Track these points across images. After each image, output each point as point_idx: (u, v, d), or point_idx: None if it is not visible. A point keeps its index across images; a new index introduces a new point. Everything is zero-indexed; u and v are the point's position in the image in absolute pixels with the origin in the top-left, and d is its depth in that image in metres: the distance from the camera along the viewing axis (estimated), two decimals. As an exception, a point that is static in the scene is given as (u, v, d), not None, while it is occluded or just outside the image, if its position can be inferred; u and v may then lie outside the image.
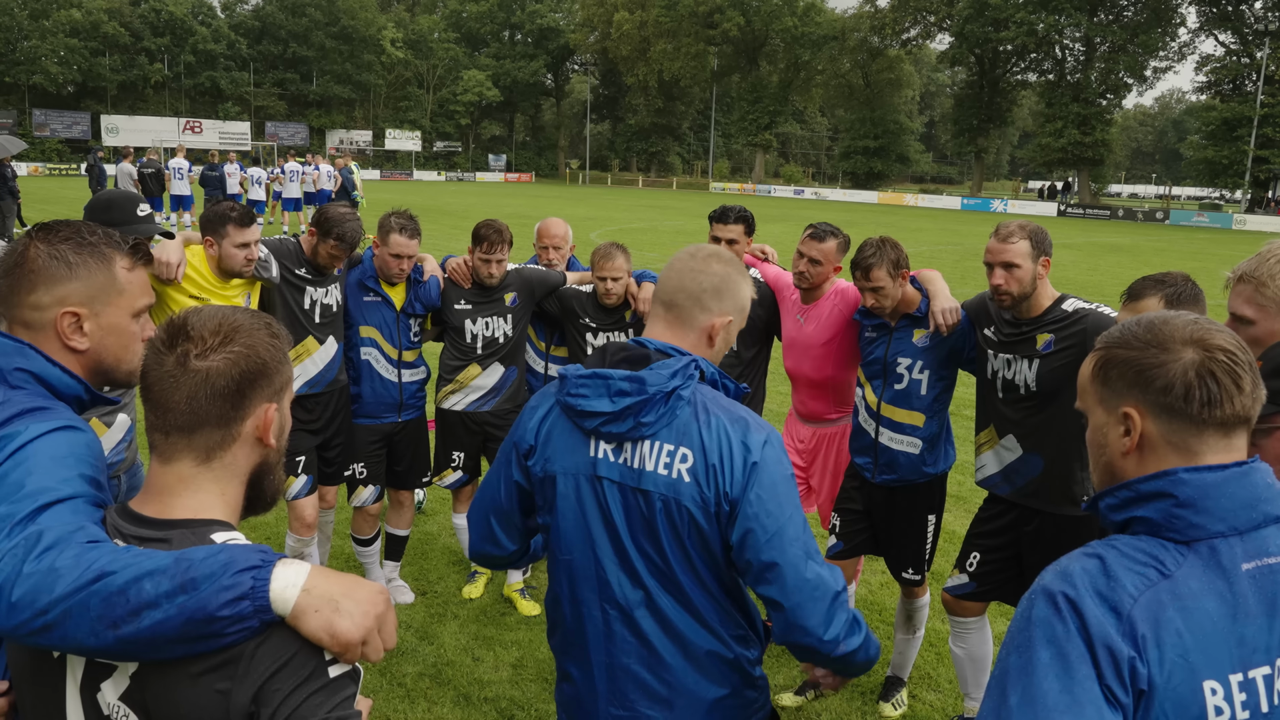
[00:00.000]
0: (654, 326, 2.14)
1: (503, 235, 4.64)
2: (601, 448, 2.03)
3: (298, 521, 4.46)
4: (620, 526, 2.02)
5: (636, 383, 1.97)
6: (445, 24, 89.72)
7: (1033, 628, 1.35)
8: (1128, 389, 1.46)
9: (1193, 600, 1.34)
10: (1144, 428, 1.45)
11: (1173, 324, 1.46)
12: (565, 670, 2.17)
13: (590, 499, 2.04)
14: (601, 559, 2.04)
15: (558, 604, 2.15)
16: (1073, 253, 28.20)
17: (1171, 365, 1.42)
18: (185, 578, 1.25)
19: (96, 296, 1.75)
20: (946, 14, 68.35)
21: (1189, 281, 3.06)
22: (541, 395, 2.20)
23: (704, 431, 1.97)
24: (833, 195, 66.69)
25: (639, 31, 79.50)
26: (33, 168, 56.79)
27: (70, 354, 1.73)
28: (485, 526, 2.25)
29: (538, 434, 2.11)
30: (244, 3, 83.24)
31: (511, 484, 2.18)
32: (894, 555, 4.16)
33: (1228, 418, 1.41)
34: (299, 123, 79.23)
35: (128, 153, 23.15)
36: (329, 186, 24.36)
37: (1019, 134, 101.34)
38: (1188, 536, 1.39)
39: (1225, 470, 1.40)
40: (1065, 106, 61.16)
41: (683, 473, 1.96)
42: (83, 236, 1.76)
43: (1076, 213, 52.88)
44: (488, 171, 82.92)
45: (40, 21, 67.88)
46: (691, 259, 2.13)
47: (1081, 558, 1.41)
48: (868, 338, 4.09)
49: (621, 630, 2.06)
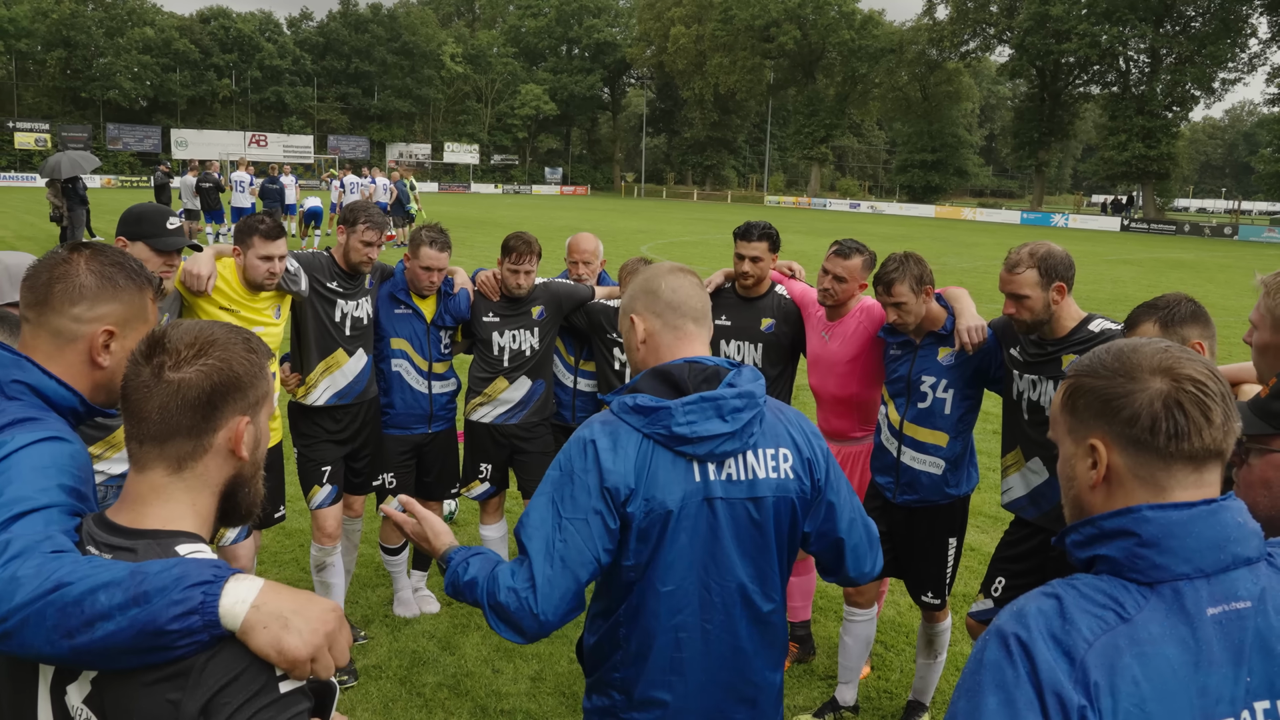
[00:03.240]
0: (689, 343, 2.17)
1: (531, 246, 4.68)
2: (708, 469, 2.04)
3: (319, 531, 4.53)
4: (729, 541, 2.07)
5: (748, 397, 2.06)
6: (504, 39, 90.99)
7: (983, 671, 1.29)
8: (1094, 419, 1.39)
9: (1152, 646, 1.26)
10: (1110, 460, 1.38)
11: (1141, 352, 1.39)
12: (652, 698, 2.11)
13: (703, 523, 2.05)
14: (709, 579, 2.07)
15: (650, 636, 2.09)
16: (1134, 269, 27.53)
17: (1138, 395, 1.35)
18: (138, 590, 1.27)
19: (129, 321, 1.83)
20: (1006, 26, 67.30)
21: (1185, 302, 2.90)
22: (610, 435, 2.04)
23: (790, 429, 2.16)
24: (889, 209, 66.04)
25: (695, 45, 79.69)
26: (105, 180, 58.64)
27: (91, 369, 1.79)
28: (577, 594, 2.01)
29: (638, 475, 2.01)
30: (309, 19, 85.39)
31: (610, 536, 2.01)
32: (913, 578, 4.09)
33: (1196, 451, 1.33)
34: (360, 136, 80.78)
35: (194, 166, 23.81)
36: (384, 199, 24.75)
37: (1081, 147, 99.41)
38: (1150, 578, 1.31)
39: (1192, 508, 1.32)
40: (1129, 119, 59.77)
41: (787, 471, 2.11)
42: (130, 264, 1.86)
43: (1141, 228, 51.65)
44: (544, 184, 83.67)
45: (115, 39, 70.28)
46: (679, 271, 2.23)
47: (1039, 597, 1.34)
48: (892, 355, 4.04)
49: (721, 644, 2.11)
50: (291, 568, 5.60)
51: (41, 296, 1.78)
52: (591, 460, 2.01)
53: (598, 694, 2.19)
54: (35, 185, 48.79)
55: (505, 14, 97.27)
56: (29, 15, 67.29)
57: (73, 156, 20.63)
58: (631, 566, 2.06)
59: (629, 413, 2.05)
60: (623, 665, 2.13)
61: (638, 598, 2.08)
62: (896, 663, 4.77)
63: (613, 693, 2.15)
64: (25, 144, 65.06)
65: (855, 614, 4.19)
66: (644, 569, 2.06)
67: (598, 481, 2.00)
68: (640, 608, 2.08)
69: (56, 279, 1.78)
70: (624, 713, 2.14)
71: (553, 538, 1.98)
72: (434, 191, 68.60)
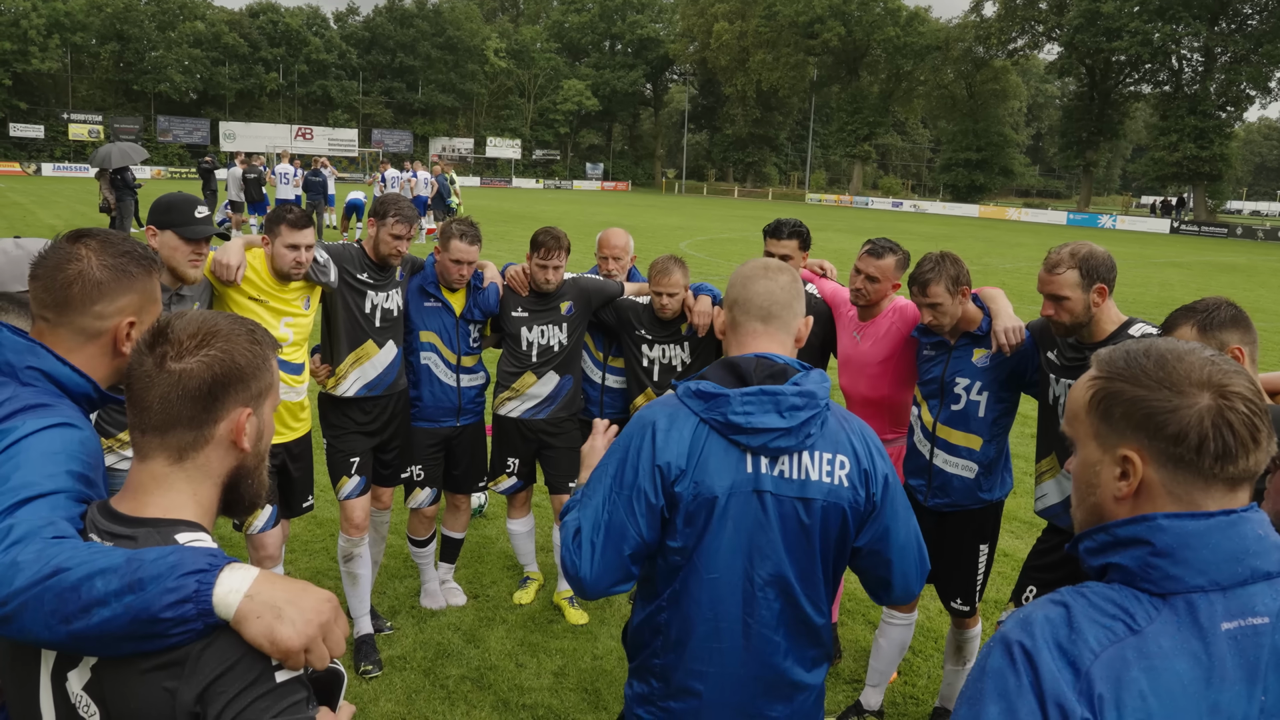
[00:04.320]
0: (756, 341, 2.19)
1: (560, 242, 4.66)
2: (761, 462, 2.06)
3: (346, 522, 4.54)
4: (777, 538, 2.07)
5: (808, 397, 2.06)
6: (547, 34, 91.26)
7: (985, 679, 1.26)
8: (1132, 430, 1.31)
9: (1162, 660, 1.21)
10: (1145, 474, 1.31)
11: (1188, 362, 1.31)
12: (687, 687, 2.14)
13: (750, 515, 2.06)
14: (753, 573, 2.08)
15: (691, 623, 2.11)
16: (1182, 272, 26.96)
17: (1185, 412, 1.27)
18: (133, 578, 1.28)
19: (145, 306, 1.86)
20: (1056, 24, 66.21)
21: (1225, 306, 2.76)
22: (669, 416, 2.10)
23: (852, 438, 2.14)
24: (931, 208, 65.34)
25: (738, 42, 79.39)
26: (155, 171, 59.79)
27: (114, 358, 1.82)
28: (620, 565, 2.07)
29: (689, 457, 2.05)
30: (355, 14, 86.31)
31: (654, 513, 2.06)
32: (944, 583, 4.02)
33: (1239, 474, 1.27)
34: (404, 130, 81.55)
35: (241, 159, 24.16)
36: (425, 193, 24.91)
37: (1131, 147, 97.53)
38: (1163, 589, 1.26)
39: (1211, 519, 1.26)
40: (1181, 119, 58.47)
41: (842, 478, 2.09)
42: (136, 249, 1.86)
43: (1191, 230, 50.60)
44: (585, 180, 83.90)
45: (167, 33, 71.54)
46: (766, 270, 2.23)
47: (1047, 604, 1.30)
48: (925, 355, 3.97)
49: (761, 639, 2.11)
50: (322, 556, 5.65)
51: (60, 298, 1.78)
52: (648, 438, 2.08)
53: (638, 680, 2.23)
54: (88, 175, 49.86)
55: (549, 9, 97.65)
56: (84, 9, 68.76)
57: (123, 147, 21.08)
58: (678, 549, 2.09)
59: (690, 397, 2.09)
60: (663, 652, 2.17)
61: (680, 583, 2.11)
62: (924, 668, 4.70)
63: (651, 679, 2.19)
64: (79, 135, 66.57)
65: (895, 618, 4.13)
66: (690, 553, 2.09)
67: (650, 459, 2.06)
68: (683, 593, 2.11)
69: (72, 280, 1.77)
70: (661, 701, 2.17)
71: (601, 508, 2.08)
72: (476, 186, 69.03)
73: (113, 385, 1.85)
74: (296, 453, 4.28)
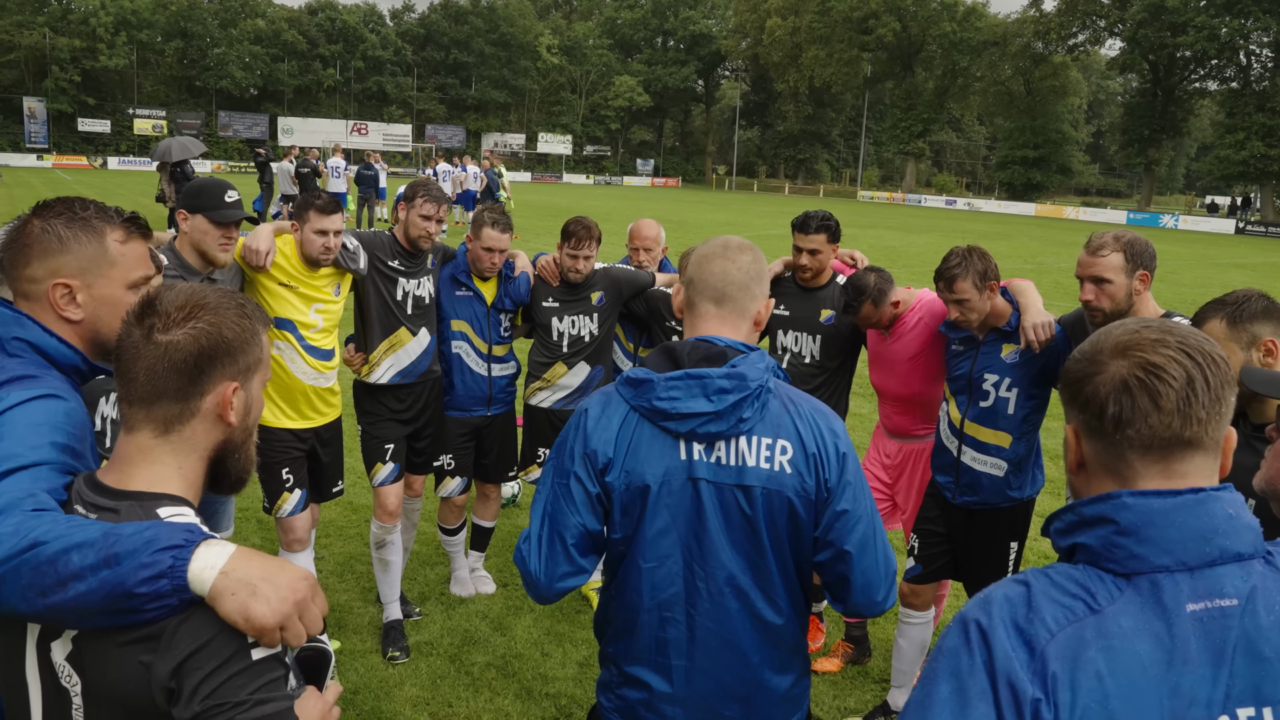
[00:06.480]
0: (705, 323, 2.11)
1: (591, 232, 4.66)
2: (695, 449, 1.99)
3: (380, 509, 4.59)
4: (716, 527, 2.00)
5: (737, 379, 1.96)
6: (600, 31, 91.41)
7: (940, 658, 1.24)
8: (1067, 405, 1.35)
9: (1121, 640, 1.18)
10: (1081, 448, 1.32)
11: (1111, 333, 1.31)
12: (635, 678, 2.10)
13: (685, 503, 2.00)
14: (693, 563, 2.02)
15: (633, 612, 2.08)
16: (1246, 273, 26.18)
17: (1095, 379, 1.28)
18: (109, 552, 1.28)
19: (88, 269, 1.78)
20: (1118, 18, 64.59)
21: (1257, 297, 2.64)
22: (601, 404, 2.07)
23: (798, 422, 2.01)
24: (986, 206, 64.19)
25: (791, 38, 78.67)
26: (215, 165, 61.01)
27: (66, 324, 1.78)
28: (564, 556, 2.02)
29: (617, 445, 2.01)
30: (411, 11, 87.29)
31: (592, 500, 2.02)
32: (972, 582, 3.95)
33: (1146, 439, 1.24)
34: (457, 126, 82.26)
35: (293, 152, 24.56)
36: (475, 187, 25.12)
37: (1196, 146, 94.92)
38: (1127, 568, 1.23)
39: (1177, 496, 1.23)
40: (1249, 116, 56.72)
41: (784, 465, 1.99)
42: (74, 211, 1.81)
43: (1258, 230, 49.07)
44: (635, 176, 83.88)
45: (228, 30, 73.07)
46: (725, 249, 2.13)
47: (1009, 584, 1.28)
48: (954, 351, 3.90)
49: (707, 632, 2.04)
50: (356, 542, 5.72)
51: (6, 264, 1.79)
52: (580, 426, 2.06)
53: (601, 666, 2.24)
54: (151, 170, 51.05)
55: (602, 6, 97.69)
56: (150, 7, 70.50)
57: (182, 141, 21.49)
58: (619, 540, 2.06)
59: (622, 384, 2.06)
60: (613, 640, 2.16)
61: (623, 572, 2.09)
62: (954, 669, 4.62)
63: (610, 666, 2.19)
64: (143, 130, 68.21)
65: (911, 616, 4.07)
66: (629, 543, 2.05)
67: (581, 446, 2.04)
68: (625, 583, 2.09)
69: (12, 243, 1.79)
70: (618, 688, 2.16)
71: (545, 498, 2.07)
72: (527, 181, 69.43)
73: (102, 356, 1.82)
74: (326, 438, 4.34)
